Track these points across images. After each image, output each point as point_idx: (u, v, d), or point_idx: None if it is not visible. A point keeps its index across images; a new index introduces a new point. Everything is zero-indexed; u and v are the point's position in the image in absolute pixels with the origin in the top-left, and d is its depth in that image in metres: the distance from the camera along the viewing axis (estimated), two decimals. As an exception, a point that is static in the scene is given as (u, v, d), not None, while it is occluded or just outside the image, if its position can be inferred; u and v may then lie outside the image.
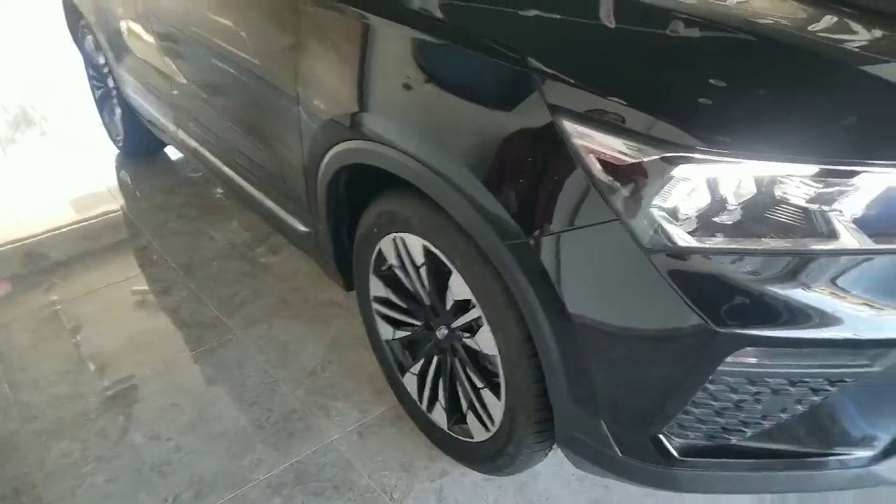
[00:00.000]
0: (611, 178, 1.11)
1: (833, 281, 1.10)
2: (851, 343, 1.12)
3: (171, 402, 2.06)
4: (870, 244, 1.08)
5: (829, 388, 1.18)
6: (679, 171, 1.06)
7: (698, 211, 1.09)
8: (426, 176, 1.36)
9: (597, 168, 1.12)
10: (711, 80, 1.11)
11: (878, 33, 1.25)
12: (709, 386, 1.16)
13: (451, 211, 1.34)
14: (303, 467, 1.81)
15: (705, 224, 1.09)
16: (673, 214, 1.09)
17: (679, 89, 1.12)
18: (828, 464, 1.25)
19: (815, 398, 1.19)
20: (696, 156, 1.05)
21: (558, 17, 1.33)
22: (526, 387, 1.40)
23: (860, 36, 1.23)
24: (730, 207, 1.09)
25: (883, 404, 1.23)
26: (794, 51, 1.16)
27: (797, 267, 1.10)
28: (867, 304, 1.11)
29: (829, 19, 1.26)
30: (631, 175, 1.09)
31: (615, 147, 1.10)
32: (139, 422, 1.99)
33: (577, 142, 1.13)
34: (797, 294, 1.10)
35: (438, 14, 1.43)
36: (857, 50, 1.19)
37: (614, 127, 1.10)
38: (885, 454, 1.25)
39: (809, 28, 1.23)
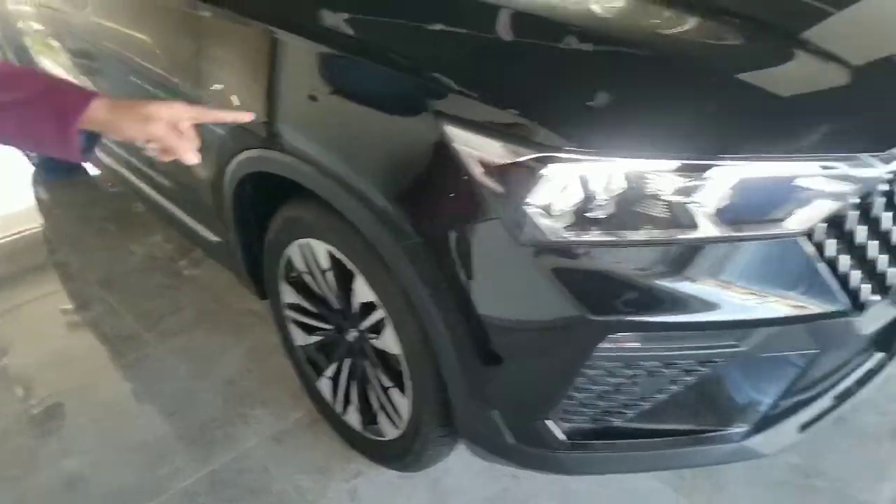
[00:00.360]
0: (490, 179, 1.17)
1: (698, 268, 1.19)
2: (717, 325, 1.21)
3: (89, 417, 2.04)
4: (728, 232, 1.17)
5: (700, 369, 1.27)
6: (549, 169, 1.13)
7: (572, 207, 1.16)
8: (324, 182, 1.40)
9: (478, 170, 1.18)
10: (580, 85, 1.20)
11: (731, 35, 1.35)
12: (587, 371, 1.24)
13: (349, 215, 1.39)
14: (220, 475, 1.83)
15: (578, 219, 1.16)
16: (547, 211, 1.16)
17: (551, 94, 1.20)
18: (705, 440, 1.35)
19: (688, 378, 1.27)
20: (565, 155, 1.13)
21: (452, 29, 1.39)
22: (428, 383, 1.45)
23: (716, 38, 1.33)
24: (601, 203, 1.16)
25: (752, 382, 1.32)
26: (657, 55, 1.25)
27: (664, 256, 1.18)
28: (731, 288, 1.20)
29: (690, 23, 1.35)
30: (507, 175, 1.16)
31: (492, 150, 1.17)
32: (57, 438, 1.97)
33: (460, 146, 1.19)
34: (665, 281, 1.18)
35: (338, 26, 1.48)
36: (714, 52, 1.29)
37: (491, 130, 1.17)
38: (757, 429, 1.35)
39: (672, 33, 1.33)
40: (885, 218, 1.28)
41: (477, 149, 1.18)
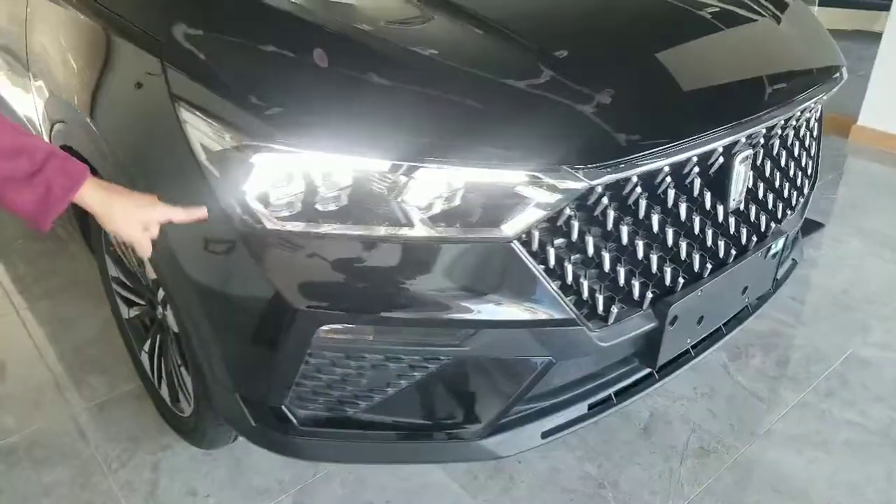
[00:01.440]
0: (211, 164, 1.20)
1: (416, 266, 1.22)
2: (433, 323, 1.24)
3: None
4: (442, 233, 1.19)
5: (427, 366, 1.29)
6: (258, 158, 1.15)
7: (291, 198, 1.18)
8: (100, 160, 1.44)
9: (202, 154, 1.22)
10: (302, 83, 1.22)
11: (460, 43, 1.35)
12: (310, 360, 1.26)
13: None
14: (38, 436, 1.87)
15: (305, 210, 1.19)
16: (265, 200, 1.18)
17: (272, 89, 1.21)
18: (440, 437, 1.37)
19: (416, 374, 1.30)
20: (275, 146, 1.15)
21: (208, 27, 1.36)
22: (195, 362, 1.49)
23: (441, 43, 1.33)
24: (324, 197, 1.19)
25: (486, 383, 1.34)
26: (383, 61, 1.26)
27: (383, 252, 1.21)
28: (448, 289, 1.22)
29: (431, 30, 1.36)
30: (224, 161, 1.19)
31: (214, 135, 1.20)
32: None
33: (189, 129, 1.23)
34: (381, 277, 1.21)
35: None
36: (437, 58, 1.29)
37: (214, 116, 1.20)
38: (494, 431, 1.37)
39: (407, 40, 1.33)
40: (624, 234, 1.31)
41: (202, 133, 1.21)
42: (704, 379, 2.03)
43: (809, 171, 1.77)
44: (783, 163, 1.61)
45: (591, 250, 1.28)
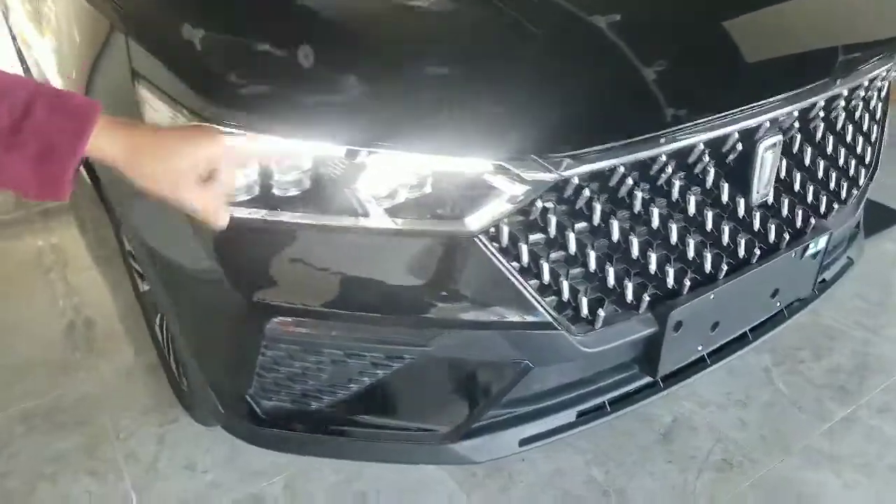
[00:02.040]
0: (162, 145, 1.15)
1: (369, 259, 1.13)
2: (393, 321, 1.16)
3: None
4: (401, 224, 1.10)
5: (390, 364, 1.21)
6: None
7: (244, 183, 1.12)
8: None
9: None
10: (261, 65, 1.14)
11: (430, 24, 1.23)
12: (266, 352, 1.21)
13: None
14: (59, 401, 1.93)
15: (262, 196, 1.12)
16: None
17: (230, 68, 1.14)
18: (409, 437, 1.29)
19: (378, 372, 1.22)
20: (224, 129, 1.07)
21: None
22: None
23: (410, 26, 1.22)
24: (276, 181, 1.11)
25: (453, 385, 1.25)
26: (342, 41, 1.17)
27: (333, 242, 1.13)
28: (406, 285, 1.14)
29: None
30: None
31: (169, 114, 1.14)
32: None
33: (147, 107, 1.18)
34: (332, 269, 1.14)
35: None
36: (404, 41, 1.18)
37: (168, 95, 1.14)
38: (467, 434, 1.28)
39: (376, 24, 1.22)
40: (615, 229, 1.17)
41: (157, 113, 1.16)
42: (741, 384, 1.85)
43: (867, 159, 1.54)
44: (830, 149, 1.40)
45: (573, 247, 1.15)
